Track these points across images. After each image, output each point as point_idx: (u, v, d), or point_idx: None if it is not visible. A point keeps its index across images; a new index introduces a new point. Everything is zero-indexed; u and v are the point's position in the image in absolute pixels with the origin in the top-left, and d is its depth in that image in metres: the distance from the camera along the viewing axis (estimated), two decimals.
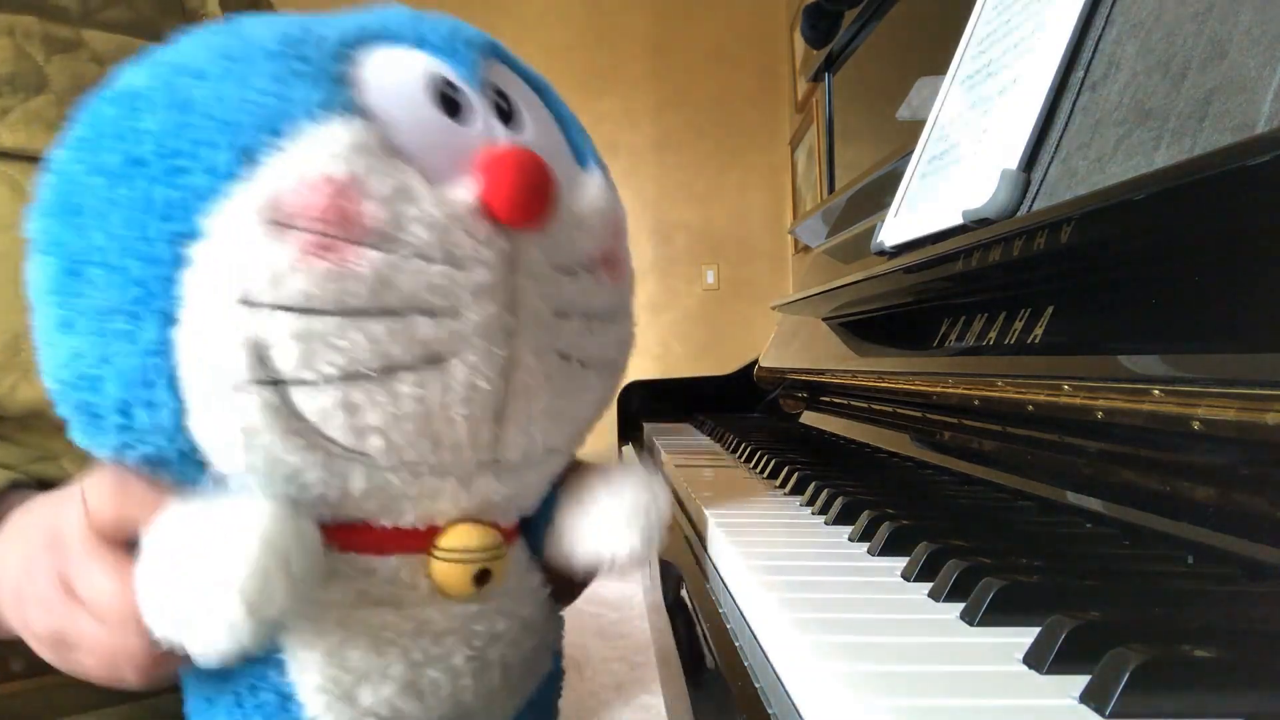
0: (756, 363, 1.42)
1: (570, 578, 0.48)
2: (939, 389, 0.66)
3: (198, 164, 0.35)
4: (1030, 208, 0.57)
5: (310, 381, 0.35)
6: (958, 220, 0.62)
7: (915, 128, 0.82)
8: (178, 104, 0.36)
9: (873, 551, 0.48)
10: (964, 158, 0.68)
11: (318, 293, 0.34)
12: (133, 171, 0.35)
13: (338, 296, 0.34)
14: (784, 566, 0.45)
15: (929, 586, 0.40)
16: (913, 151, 0.81)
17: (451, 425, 0.38)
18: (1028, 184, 0.58)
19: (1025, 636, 0.32)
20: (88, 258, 0.35)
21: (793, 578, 0.43)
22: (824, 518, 0.58)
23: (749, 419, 1.34)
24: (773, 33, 3.85)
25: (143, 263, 0.35)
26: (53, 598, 0.38)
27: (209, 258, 0.34)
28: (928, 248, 0.68)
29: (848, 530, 0.53)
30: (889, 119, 1.19)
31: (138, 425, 0.36)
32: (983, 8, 0.76)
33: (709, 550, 0.56)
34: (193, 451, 0.37)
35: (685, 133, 3.86)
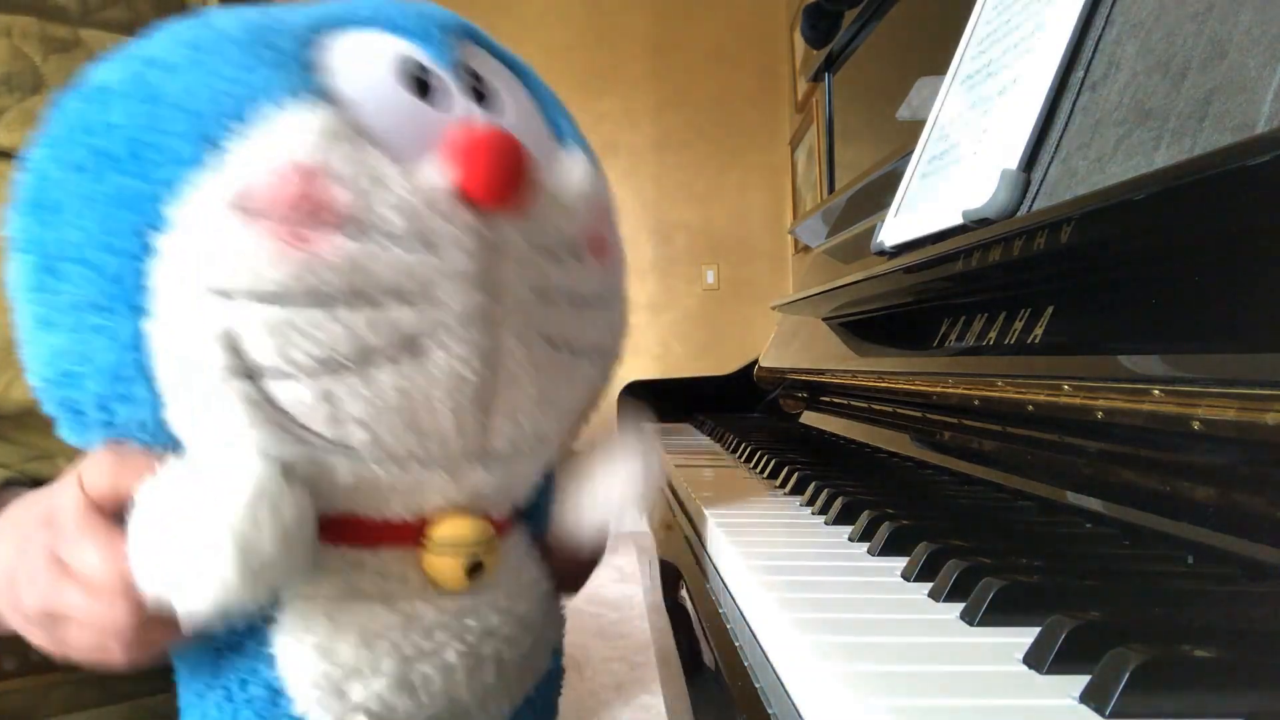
0: (756, 363, 1.42)
1: (575, 554, 0.48)
2: (939, 389, 0.66)
3: (165, 155, 0.34)
4: (1030, 208, 0.57)
5: (286, 373, 0.35)
6: (958, 220, 0.62)
7: (915, 128, 0.82)
8: (144, 96, 0.35)
9: (873, 551, 0.48)
10: (964, 158, 0.68)
11: (288, 282, 0.34)
12: (102, 165, 0.35)
13: (309, 285, 0.34)
14: (784, 566, 0.45)
15: (929, 586, 0.40)
16: (913, 151, 0.81)
17: (436, 415, 0.38)
18: (1028, 184, 0.58)
19: (1025, 636, 0.32)
20: (63, 254, 0.35)
21: (793, 578, 0.43)
22: (824, 518, 0.58)
23: (749, 419, 1.34)
24: (773, 33, 3.84)
25: (115, 257, 0.34)
26: (44, 573, 0.38)
27: (178, 249, 0.34)
28: (928, 248, 0.68)
29: (848, 530, 0.53)
30: (889, 119, 1.19)
31: (119, 421, 0.36)
32: (983, 8, 0.76)
33: (709, 550, 0.56)
34: (175, 446, 0.37)
35: (685, 133, 3.85)
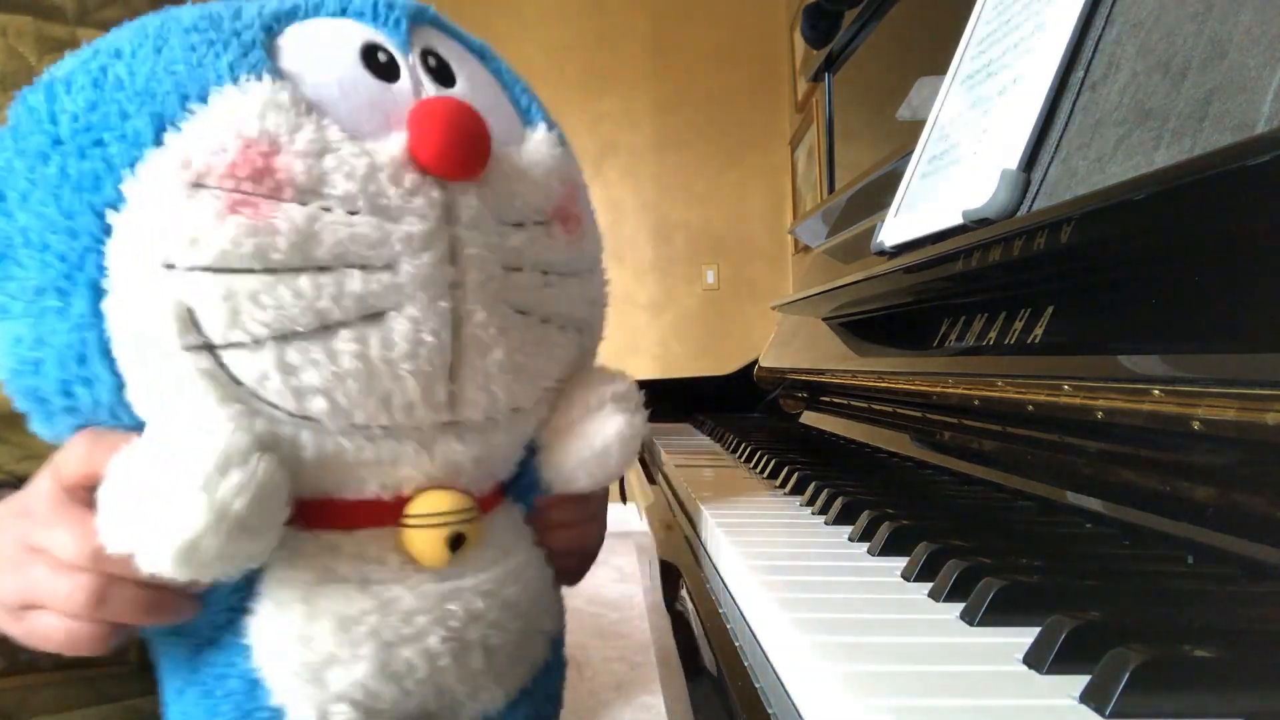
0: (756, 363, 1.42)
1: (570, 524, 0.48)
2: (939, 389, 0.66)
3: (114, 134, 0.35)
4: (1030, 208, 0.57)
5: (242, 343, 0.35)
6: (958, 220, 0.62)
7: (915, 128, 0.82)
8: (95, 82, 0.36)
9: (873, 551, 0.48)
10: (964, 158, 0.68)
11: (237, 250, 0.34)
12: (51, 151, 0.35)
13: (259, 253, 0.34)
14: (784, 566, 0.45)
15: (929, 586, 0.40)
16: (913, 151, 0.81)
17: (400, 382, 0.38)
18: (1028, 184, 0.58)
19: (1025, 636, 0.32)
20: (12, 240, 0.36)
21: (793, 578, 0.43)
22: (824, 518, 0.58)
23: (749, 419, 1.34)
24: (773, 33, 3.84)
25: (66, 237, 0.35)
26: (16, 558, 0.38)
27: (130, 225, 0.35)
28: (928, 248, 0.68)
29: (848, 530, 0.53)
30: (889, 119, 1.19)
31: (82, 405, 0.37)
32: (983, 8, 0.76)
33: (709, 550, 0.56)
34: (139, 428, 0.37)
35: (685, 133, 3.85)
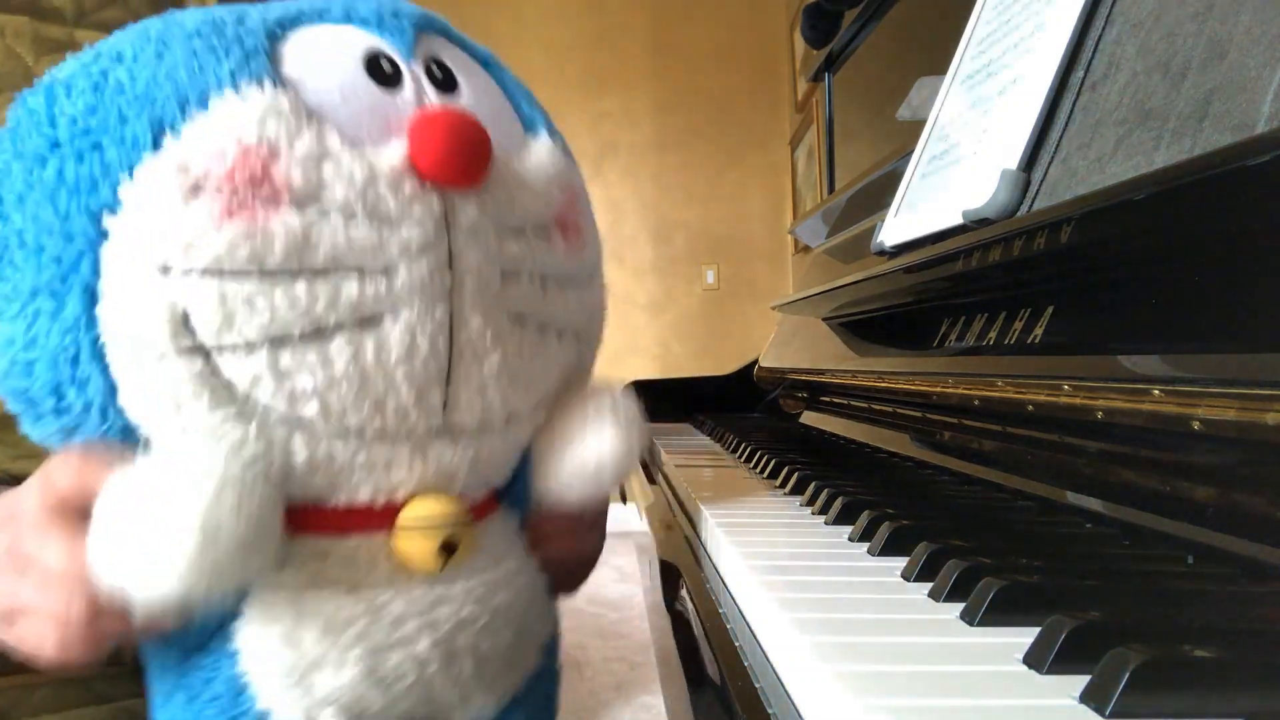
0: (756, 363, 1.42)
1: (564, 536, 0.47)
2: (939, 389, 0.66)
3: (112, 139, 0.35)
4: (1030, 208, 0.57)
5: (235, 347, 0.35)
6: (958, 220, 0.62)
7: (915, 128, 0.82)
8: (95, 86, 0.36)
9: (873, 551, 0.48)
10: (964, 158, 0.68)
11: (233, 255, 0.34)
12: (49, 154, 0.35)
13: (254, 257, 0.34)
14: (784, 566, 0.45)
15: (929, 586, 0.40)
16: (913, 151, 0.81)
17: (394, 387, 0.38)
18: (1028, 184, 0.58)
19: (1025, 636, 0.32)
20: (8, 242, 0.36)
21: (793, 578, 0.43)
22: (824, 518, 0.58)
23: (749, 419, 1.34)
24: (773, 33, 3.84)
25: (60, 239, 0.35)
26: (5, 565, 0.38)
27: (126, 228, 0.35)
28: (928, 248, 0.68)
29: (848, 530, 0.53)
30: (889, 119, 1.19)
31: (72, 406, 0.36)
32: (983, 8, 0.76)
33: (709, 550, 0.56)
34: (131, 431, 0.37)
35: (685, 133, 3.85)
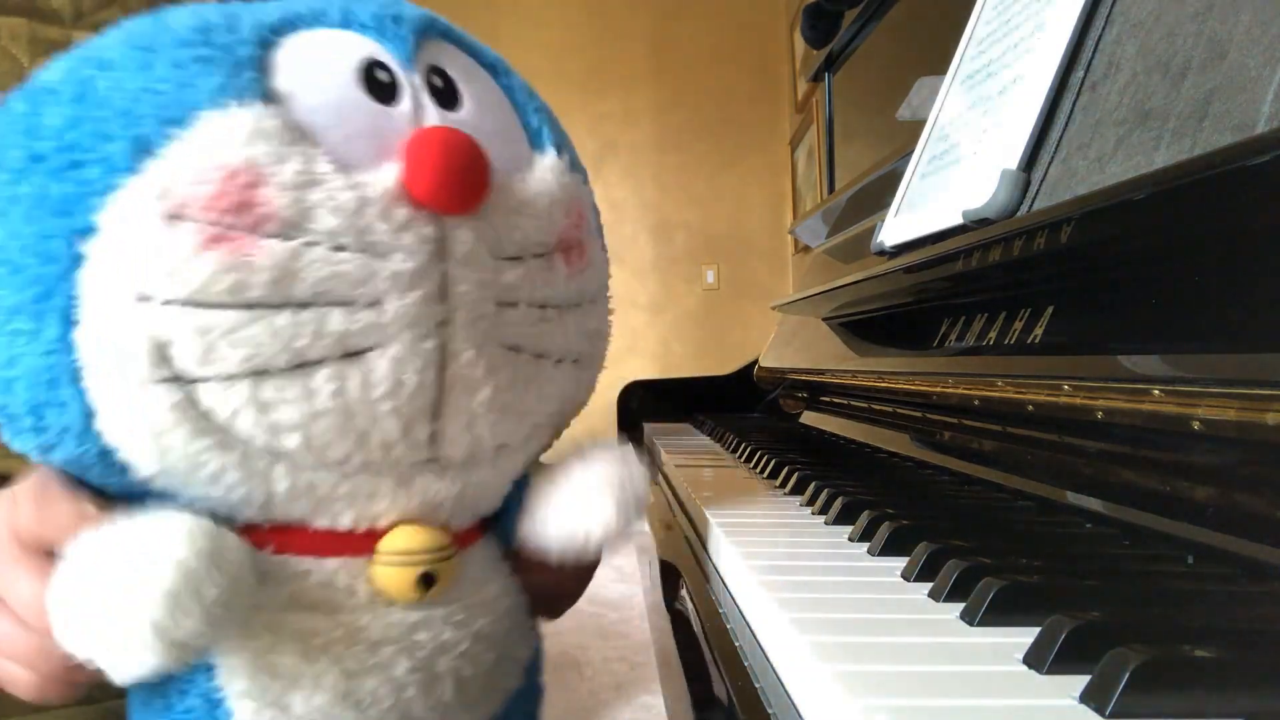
0: (756, 363, 1.42)
1: (546, 572, 0.46)
2: (939, 389, 0.66)
3: (93, 157, 0.34)
4: (1030, 208, 0.57)
5: (215, 378, 0.34)
6: (958, 220, 0.62)
7: (915, 128, 0.82)
8: (79, 96, 0.35)
9: (873, 551, 0.48)
10: (964, 158, 0.68)
11: (214, 286, 0.33)
12: (32, 167, 0.34)
13: (236, 289, 0.33)
14: (784, 566, 0.45)
15: (929, 586, 0.40)
16: (913, 151, 0.81)
17: (378, 421, 0.37)
18: (1028, 184, 0.58)
19: (1025, 636, 0.32)
20: None
21: (793, 578, 0.43)
22: (824, 518, 0.58)
23: (749, 419, 1.34)
24: (773, 33, 3.85)
25: (41, 260, 0.34)
26: None
27: (104, 254, 0.33)
28: (928, 248, 0.68)
29: (848, 530, 0.53)
30: (889, 119, 1.19)
31: (50, 427, 0.35)
32: (983, 8, 0.76)
33: (709, 550, 0.56)
34: (110, 454, 0.36)
35: (685, 133, 3.85)
